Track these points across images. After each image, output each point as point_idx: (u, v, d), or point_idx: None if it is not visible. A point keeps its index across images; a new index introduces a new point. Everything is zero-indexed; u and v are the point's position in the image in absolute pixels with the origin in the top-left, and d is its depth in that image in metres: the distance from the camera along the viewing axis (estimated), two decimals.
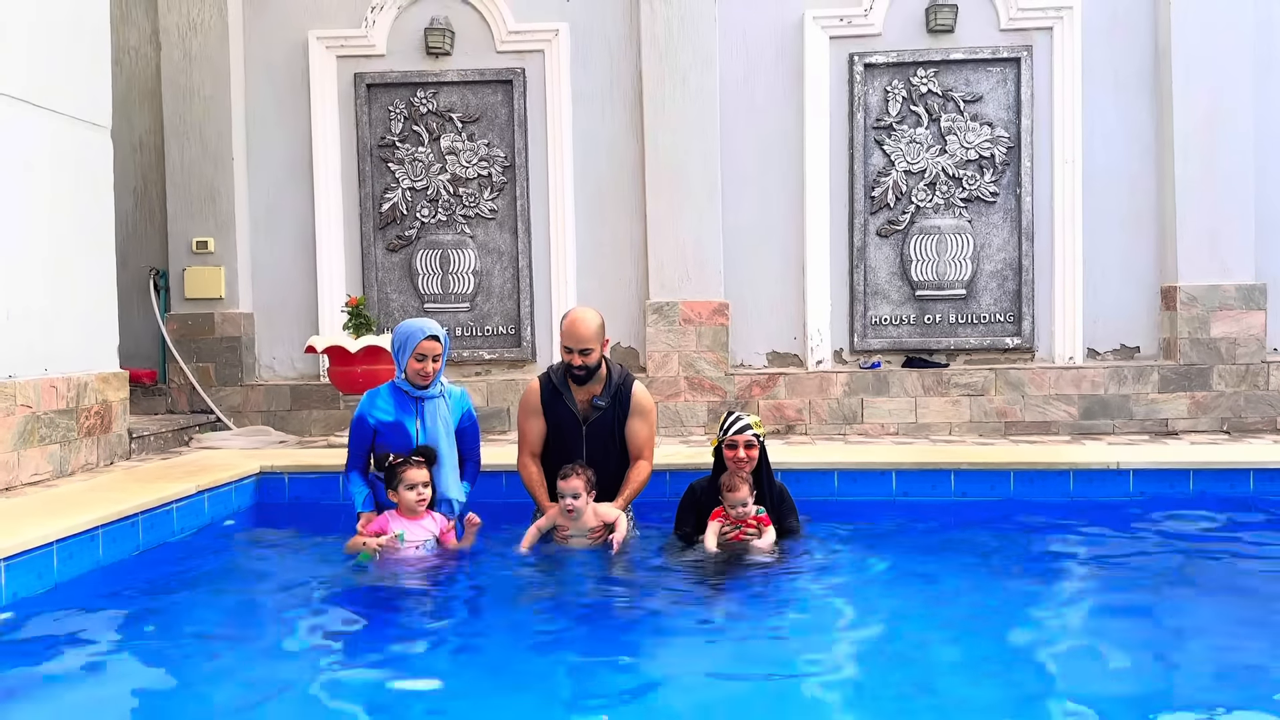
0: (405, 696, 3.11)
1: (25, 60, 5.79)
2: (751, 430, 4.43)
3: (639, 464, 4.75)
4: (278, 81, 8.08)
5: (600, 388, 4.74)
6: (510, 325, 8.14)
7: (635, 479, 4.71)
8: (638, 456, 4.77)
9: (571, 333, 4.63)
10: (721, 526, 4.38)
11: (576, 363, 4.64)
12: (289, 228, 8.12)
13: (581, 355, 4.62)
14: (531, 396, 4.81)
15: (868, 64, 7.83)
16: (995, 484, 5.51)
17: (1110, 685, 3.13)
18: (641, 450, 4.77)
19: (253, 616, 3.92)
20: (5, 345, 5.62)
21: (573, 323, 4.65)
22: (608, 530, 4.47)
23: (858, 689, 3.15)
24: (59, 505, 4.73)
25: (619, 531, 4.45)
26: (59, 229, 6.07)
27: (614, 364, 4.83)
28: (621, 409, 4.74)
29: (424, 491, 4.32)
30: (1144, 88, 7.74)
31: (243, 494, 5.54)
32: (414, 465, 4.32)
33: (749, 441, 4.41)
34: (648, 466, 4.77)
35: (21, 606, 3.79)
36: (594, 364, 4.66)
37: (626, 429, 4.75)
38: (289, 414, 7.92)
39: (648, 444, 4.79)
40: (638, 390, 4.80)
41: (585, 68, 7.96)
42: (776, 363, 8.00)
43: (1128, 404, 7.59)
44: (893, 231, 7.92)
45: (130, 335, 7.50)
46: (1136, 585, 4.18)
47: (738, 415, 4.52)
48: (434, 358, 4.48)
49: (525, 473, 4.79)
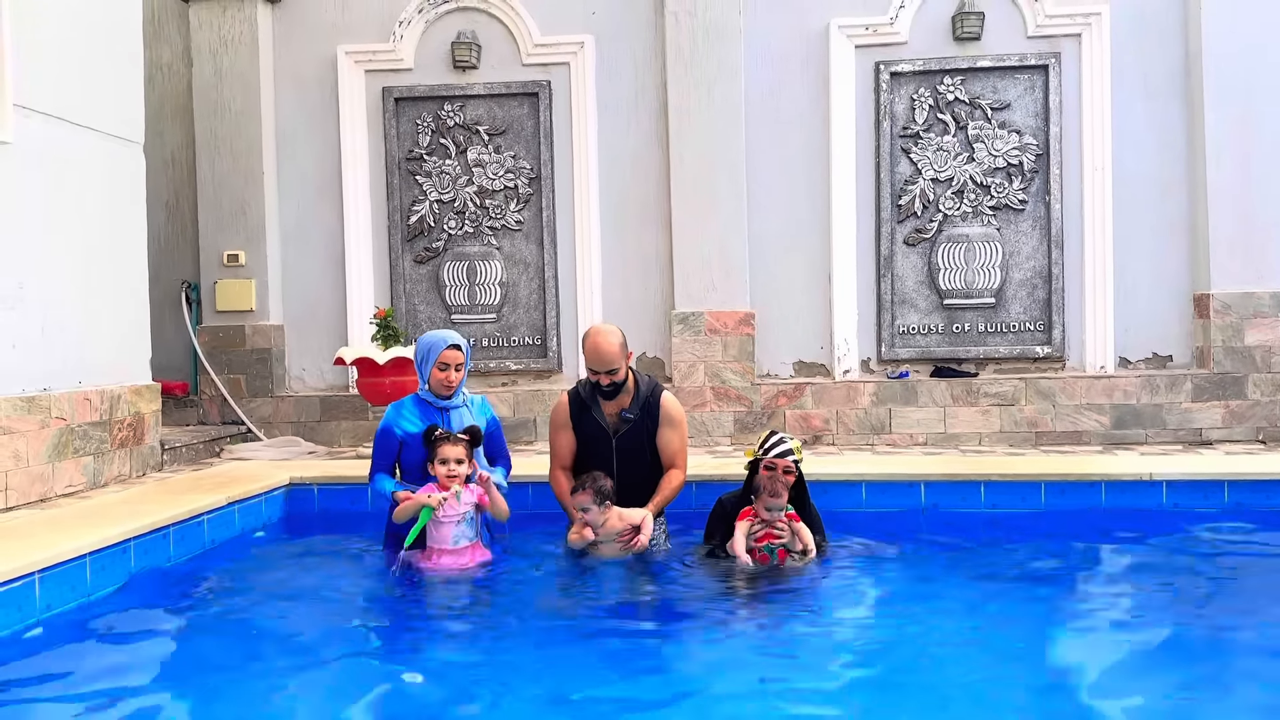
0: (433, 703, 3.11)
1: (59, 78, 5.89)
2: (793, 455, 4.36)
3: (672, 472, 4.73)
4: (307, 96, 8.17)
5: (629, 399, 4.72)
6: (536, 336, 8.17)
7: (667, 486, 4.68)
8: (670, 465, 4.75)
9: (595, 356, 4.61)
10: (750, 526, 4.33)
11: (605, 383, 4.64)
12: (318, 241, 8.20)
13: (609, 375, 4.62)
14: (560, 411, 4.81)
15: (894, 72, 7.80)
16: (1026, 495, 5.44)
17: (1144, 701, 3.08)
18: (674, 459, 4.74)
19: (283, 627, 3.94)
20: (40, 358, 5.71)
21: (594, 346, 4.61)
22: (634, 533, 4.47)
23: (882, 703, 3.12)
24: (92, 517, 4.79)
25: (643, 533, 4.44)
26: (92, 243, 6.17)
27: (642, 375, 4.83)
28: (651, 420, 4.72)
29: (455, 469, 4.30)
30: (1175, 93, 7.66)
31: (272, 505, 5.58)
32: (451, 441, 4.33)
33: (788, 467, 4.33)
34: (681, 475, 4.74)
35: (54, 619, 3.83)
36: (621, 380, 4.65)
37: (658, 439, 4.73)
38: (318, 425, 7.99)
39: (680, 453, 4.77)
40: (667, 400, 4.77)
41: (610, 79, 7.99)
42: (803, 372, 7.97)
43: (1160, 413, 7.49)
44: (920, 240, 7.87)
45: (162, 348, 7.60)
46: (1171, 598, 4.12)
47: (781, 436, 4.41)
48: (456, 367, 4.52)
49: (557, 487, 4.79)
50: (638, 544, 4.42)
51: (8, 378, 5.48)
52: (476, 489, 4.40)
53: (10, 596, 3.71)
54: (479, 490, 4.40)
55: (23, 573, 3.79)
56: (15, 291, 5.55)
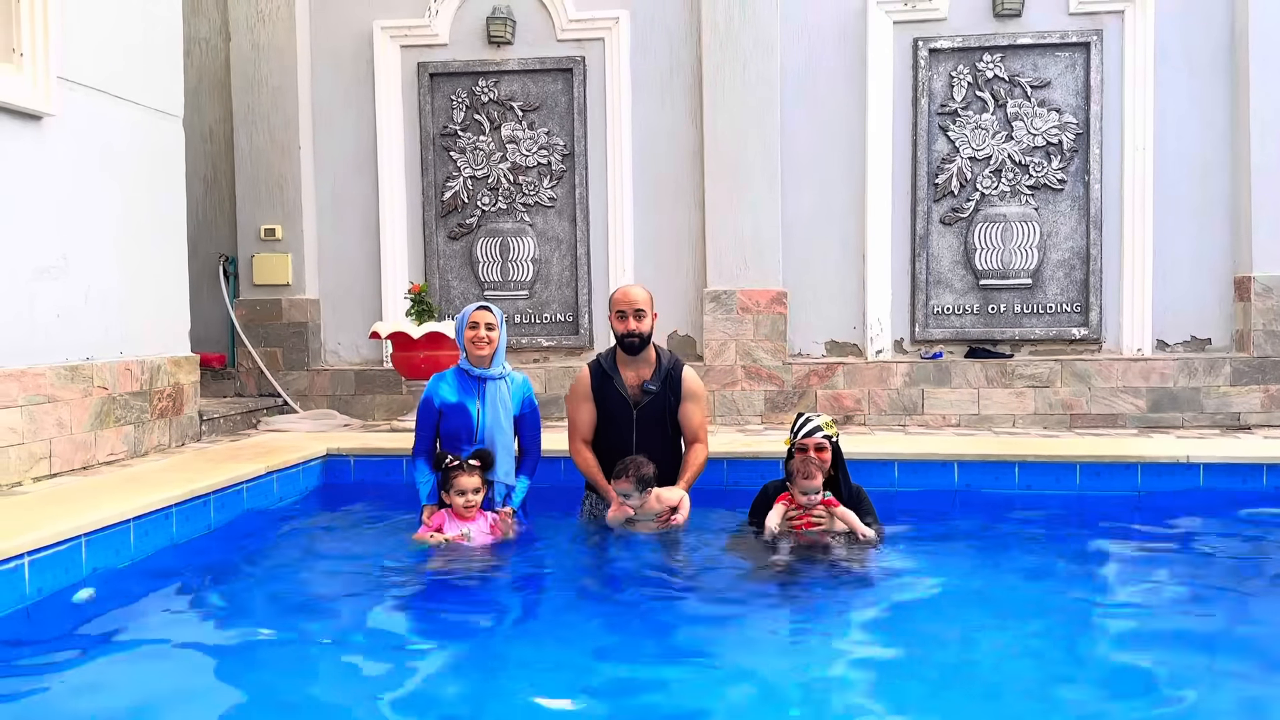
0: (460, 675, 3.16)
1: (102, 52, 5.96)
2: (822, 431, 4.37)
3: (695, 447, 4.76)
4: (343, 71, 8.20)
5: (650, 372, 4.76)
6: (569, 313, 8.19)
7: (694, 462, 4.71)
8: (694, 439, 4.78)
9: (623, 297, 4.71)
10: (787, 510, 4.34)
11: (630, 326, 4.65)
12: (354, 215, 8.25)
13: (636, 319, 4.65)
14: (581, 383, 4.84)
15: (932, 49, 7.71)
16: (1061, 477, 5.41)
17: (1185, 688, 3.06)
18: (696, 433, 4.78)
19: (319, 593, 4.01)
20: (83, 328, 5.80)
21: (624, 290, 4.79)
22: (671, 513, 4.49)
23: (916, 687, 3.13)
24: (135, 484, 4.88)
25: (681, 512, 4.48)
26: (133, 215, 6.25)
27: (663, 349, 4.87)
28: (673, 393, 4.75)
29: (473, 498, 4.37)
30: (1219, 72, 7.52)
31: (310, 475, 5.66)
32: (466, 471, 4.37)
33: (819, 444, 4.36)
34: (704, 449, 4.77)
35: (101, 580, 3.92)
36: (647, 331, 4.68)
37: (680, 413, 4.77)
38: (353, 398, 8.07)
39: (702, 426, 4.81)
40: (688, 374, 4.82)
41: (645, 55, 7.96)
42: (835, 352, 7.94)
43: (1198, 397, 7.40)
44: (956, 219, 7.81)
45: (200, 320, 7.68)
46: (1208, 582, 4.08)
47: (808, 417, 4.47)
48: (486, 325, 4.55)
49: (580, 459, 4.82)
50: (675, 522, 4.45)
51: (52, 347, 5.58)
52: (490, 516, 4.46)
53: (58, 559, 3.80)
54: (493, 519, 4.46)
55: (70, 535, 3.87)
56: (59, 262, 5.64)
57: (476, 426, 4.59)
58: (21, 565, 3.63)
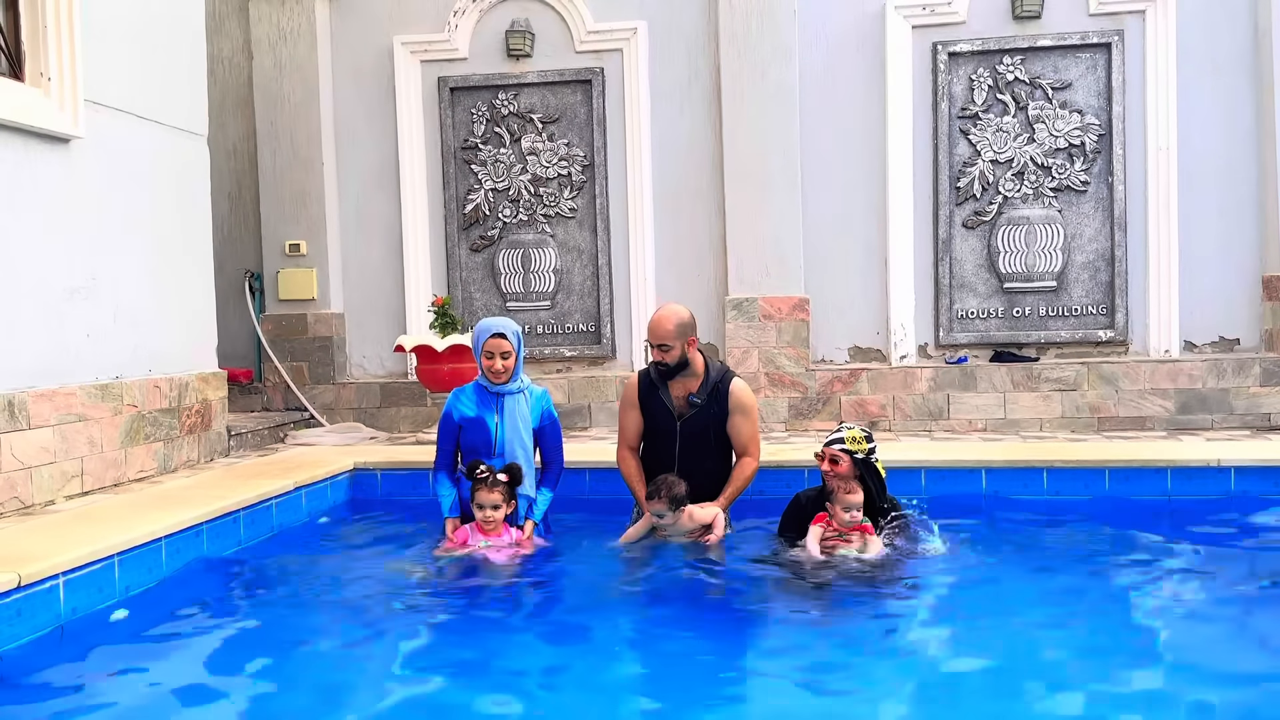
0: (485, 687, 3.16)
1: (126, 73, 6.03)
2: (841, 445, 4.31)
3: (744, 461, 4.70)
4: (364, 87, 8.27)
5: (697, 384, 4.69)
6: (590, 323, 8.21)
7: (739, 477, 4.66)
8: (742, 453, 4.71)
9: (653, 327, 4.67)
10: (824, 532, 4.25)
11: (656, 357, 4.66)
12: (377, 230, 8.31)
13: (660, 351, 4.62)
14: (631, 390, 4.82)
15: (952, 53, 7.69)
16: (1089, 482, 5.35)
17: (1216, 694, 3.03)
18: (746, 447, 4.70)
19: (349, 609, 4.02)
20: (113, 347, 5.87)
21: (657, 319, 4.67)
22: (705, 530, 4.48)
23: (946, 699, 3.11)
24: (166, 502, 4.92)
25: (715, 532, 4.46)
26: (160, 234, 6.32)
27: (714, 361, 4.80)
28: (720, 407, 4.68)
29: (493, 515, 4.39)
30: (1243, 71, 7.45)
31: (338, 490, 5.70)
32: (488, 488, 4.39)
33: (834, 456, 4.30)
34: (753, 464, 4.70)
35: (133, 601, 3.96)
36: (671, 362, 4.62)
37: (729, 426, 4.69)
38: (379, 411, 8.12)
39: (752, 440, 4.71)
40: (737, 386, 4.72)
41: (663, 65, 7.98)
42: (859, 358, 7.91)
43: (1227, 398, 7.32)
44: (979, 223, 7.77)
45: (227, 336, 7.76)
46: (1239, 587, 4.03)
47: (840, 427, 4.45)
48: (502, 354, 4.55)
49: (624, 467, 4.79)
50: (709, 540, 4.43)
51: (82, 366, 5.65)
52: (514, 532, 4.48)
53: (92, 579, 3.84)
54: (517, 535, 4.48)
55: (103, 555, 3.92)
56: (88, 283, 5.71)
57: (495, 440, 4.61)
58: (56, 585, 3.67)
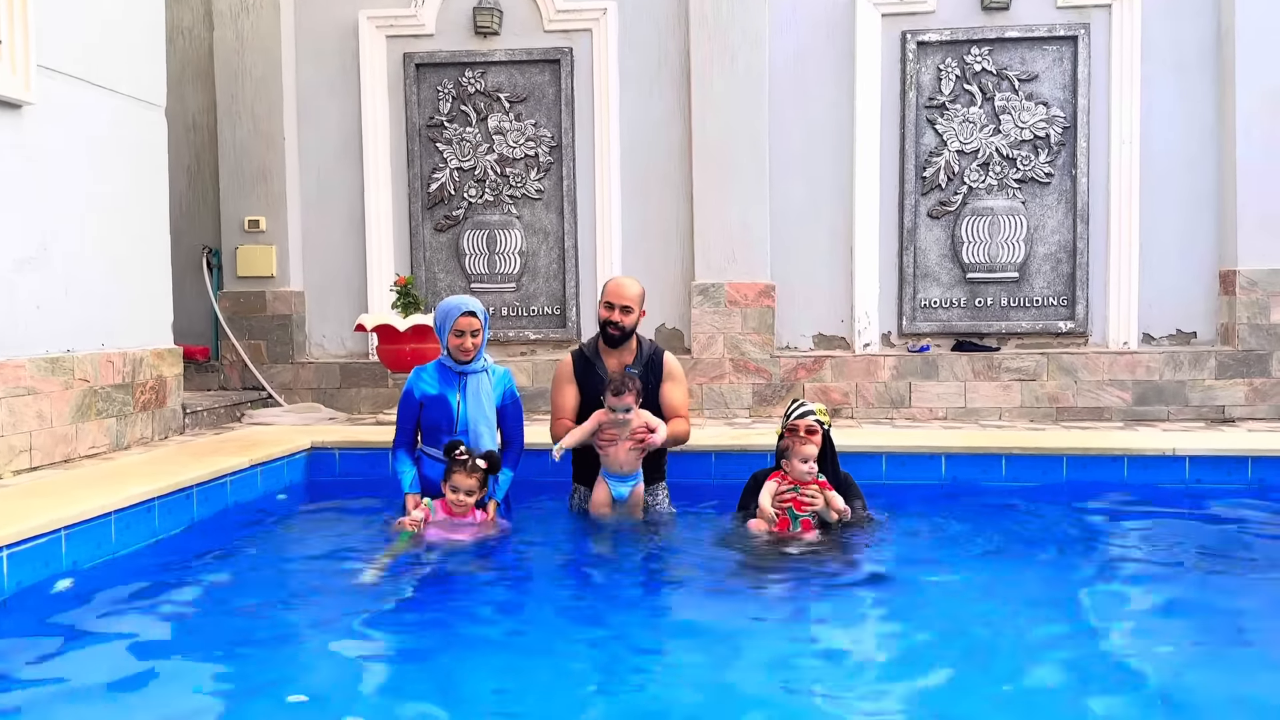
0: (441, 668, 3.13)
1: (82, 40, 5.88)
2: (814, 416, 4.38)
3: (678, 419, 4.77)
4: (328, 62, 8.13)
5: (631, 358, 4.81)
6: (556, 305, 8.16)
7: (675, 428, 4.70)
8: (674, 416, 4.77)
9: (615, 290, 4.73)
10: (778, 487, 4.31)
11: (615, 318, 4.70)
12: (339, 207, 8.19)
13: (622, 313, 4.69)
14: (564, 368, 4.90)
15: (920, 42, 7.70)
16: (1047, 470, 5.42)
17: (1169, 678, 3.07)
18: (678, 410, 4.80)
19: (303, 588, 3.98)
20: (64, 320, 5.74)
21: (618, 282, 4.79)
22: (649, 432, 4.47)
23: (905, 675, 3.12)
24: (116, 477, 4.82)
25: (659, 434, 4.48)
26: (115, 205, 6.18)
27: (645, 339, 4.92)
28: (655, 377, 4.79)
29: (465, 499, 4.36)
30: (1205, 68, 7.54)
31: (294, 469, 5.62)
32: (464, 471, 4.35)
33: (810, 426, 4.35)
34: (686, 424, 4.81)
35: (80, 575, 3.87)
36: (629, 326, 4.72)
37: (661, 394, 4.79)
38: (338, 391, 8.02)
39: (684, 405, 4.84)
40: (669, 358, 4.88)
41: (633, 47, 7.92)
42: (823, 345, 7.93)
43: (1183, 390, 7.43)
44: (944, 213, 7.81)
45: (184, 312, 7.61)
46: (1193, 574, 4.10)
47: (802, 401, 4.50)
48: (472, 333, 4.56)
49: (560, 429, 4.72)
50: (651, 441, 4.45)
51: (32, 338, 5.51)
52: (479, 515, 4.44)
53: (37, 552, 3.75)
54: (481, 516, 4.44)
55: (49, 529, 3.82)
56: (39, 253, 5.57)
57: (456, 418, 4.58)
58: (0, 558, 3.58)
